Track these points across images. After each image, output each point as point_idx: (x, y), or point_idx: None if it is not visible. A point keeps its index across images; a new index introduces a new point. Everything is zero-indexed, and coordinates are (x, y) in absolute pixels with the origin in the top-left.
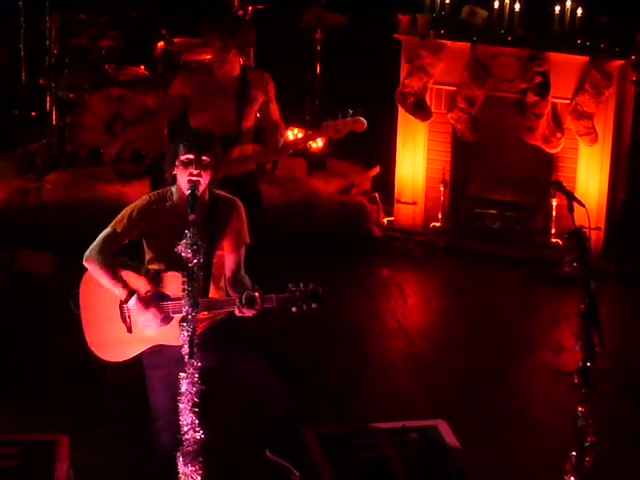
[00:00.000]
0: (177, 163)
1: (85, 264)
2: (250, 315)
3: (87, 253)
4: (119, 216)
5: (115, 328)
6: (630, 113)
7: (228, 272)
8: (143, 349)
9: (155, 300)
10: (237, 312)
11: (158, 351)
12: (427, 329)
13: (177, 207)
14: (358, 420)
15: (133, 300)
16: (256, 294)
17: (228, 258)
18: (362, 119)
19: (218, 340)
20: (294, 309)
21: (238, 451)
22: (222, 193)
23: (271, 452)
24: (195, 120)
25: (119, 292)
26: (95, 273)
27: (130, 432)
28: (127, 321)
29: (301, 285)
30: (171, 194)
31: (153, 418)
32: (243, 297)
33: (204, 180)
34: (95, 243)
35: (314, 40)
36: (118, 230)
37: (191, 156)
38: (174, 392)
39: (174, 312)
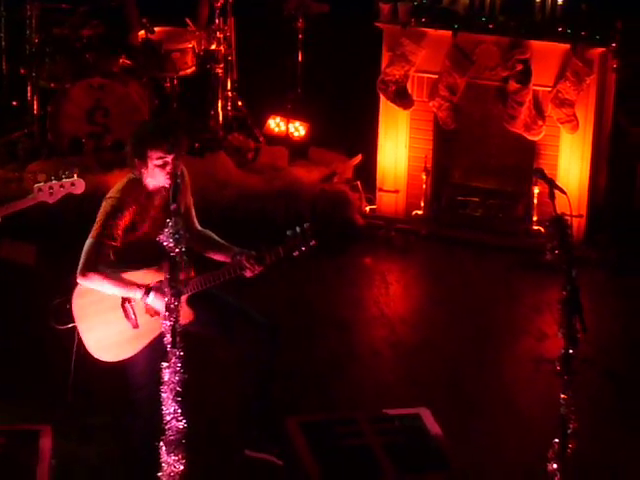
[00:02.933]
0: (151, 161)
1: (83, 281)
2: (258, 272)
3: (82, 269)
4: (98, 223)
5: (117, 330)
6: (611, 100)
7: (190, 229)
8: (152, 338)
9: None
10: (248, 273)
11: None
12: (409, 317)
13: (151, 196)
14: (341, 408)
15: (152, 294)
16: (264, 252)
17: (187, 218)
18: (80, 180)
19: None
20: (296, 253)
21: (220, 439)
22: None
23: (250, 450)
24: None
25: (134, 293)
26: (99, 286)
27: (113, 422)
28: (132, 318)
29: (297, 229)
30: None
31: (133, 389)
32: (252, 258)
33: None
34: (86, 258)
35: (296, 28)
36: (102, 239)
37: (168, 158)
38: (155, 364)
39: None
